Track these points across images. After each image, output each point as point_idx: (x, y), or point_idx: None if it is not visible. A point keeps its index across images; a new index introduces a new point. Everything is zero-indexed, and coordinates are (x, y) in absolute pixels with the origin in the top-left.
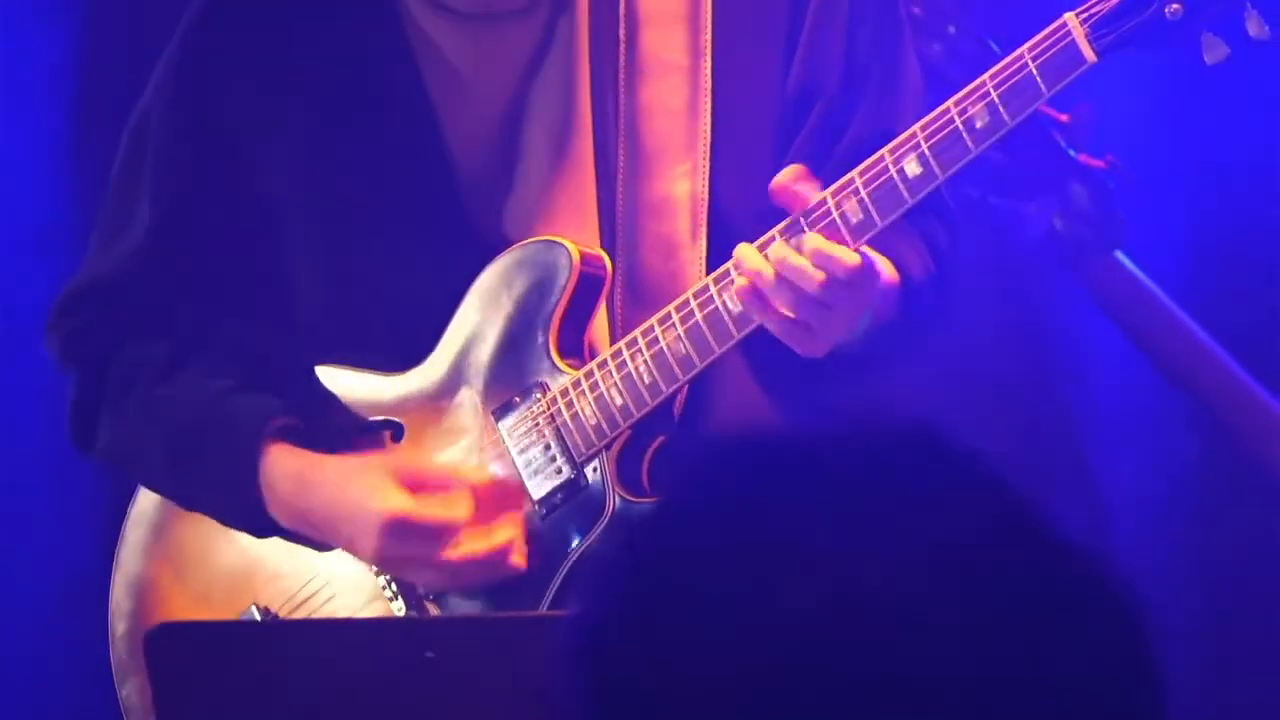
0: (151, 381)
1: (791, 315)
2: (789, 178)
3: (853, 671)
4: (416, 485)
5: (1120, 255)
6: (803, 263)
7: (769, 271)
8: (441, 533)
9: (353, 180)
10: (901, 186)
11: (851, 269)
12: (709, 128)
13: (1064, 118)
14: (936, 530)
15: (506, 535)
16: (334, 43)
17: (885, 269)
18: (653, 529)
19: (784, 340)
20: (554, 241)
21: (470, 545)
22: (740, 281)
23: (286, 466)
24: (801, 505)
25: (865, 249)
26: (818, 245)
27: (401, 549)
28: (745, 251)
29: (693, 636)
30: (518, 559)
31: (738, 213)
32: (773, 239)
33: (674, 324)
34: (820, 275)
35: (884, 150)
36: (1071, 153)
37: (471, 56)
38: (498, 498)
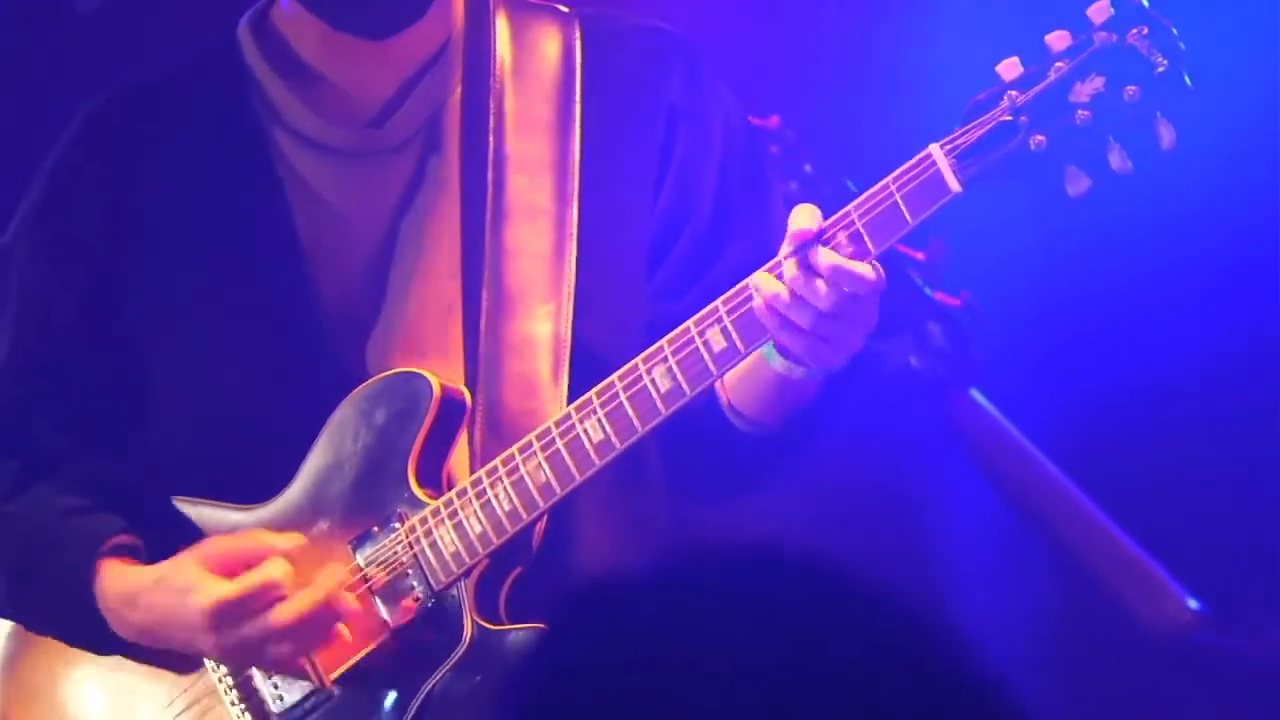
0: None
1: (809, 329)
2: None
3: None
4: (229, 567)
5: (975, 392)
6: (819, 282)
7: (784, 292)
8: (266, 598)
9: (216, 313)
10: (763, 316)
11: (868, 281)
12: (574, 271)
13: (919, 255)
14: (798, 647)
15: (331, 580)
16: (203, 176)
17: None
18: (528, 653)
19: (802, 356)
20: (415, 373)
21: (298, 601)
22: (758, 301)
23: (118, 584)
24: (668, 627)
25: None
26: (833, 261)
27: (236, 633)
28: (761, 277)
29: None
30: (350, 601)
31: (600, 354)
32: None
33: (535, 452)
34: (838, 290)
35: (747, 280)
36: (927, 290)
37: (342, 192)
38: (356, 625)
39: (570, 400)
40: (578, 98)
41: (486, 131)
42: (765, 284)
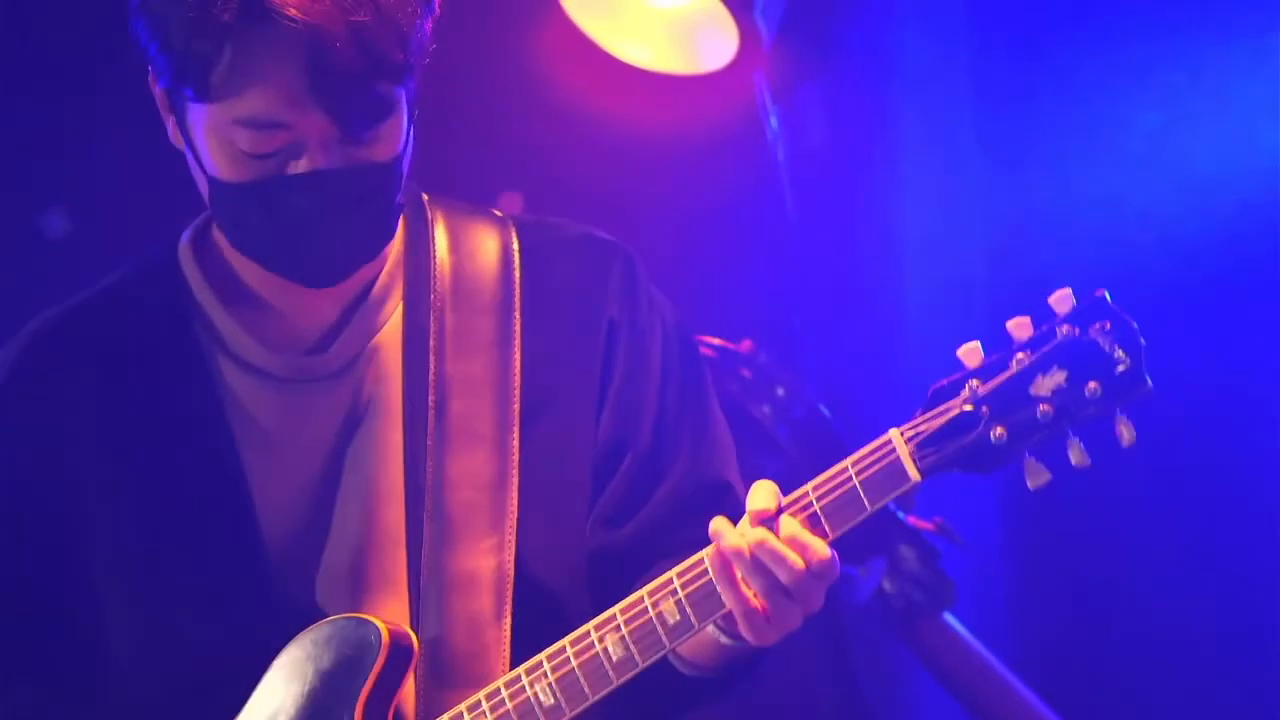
0: None
1: (757, 598)
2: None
3: None
4: None
5: (949, 616)
6: (783, 547)
7: (747, 552)
8: None
9: (157, 545)
10: (715, 574)
11: (825, 560)
12: (517, 503)
13: None
14: None
15: None
16: (144, 407)
17: None
18: None
19: (742, 626)
20: (364, 620)
21: None
22: (717, 552)
23: None
24: None
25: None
26: (794, 531)
27: None
28: (723, 525)
29: None
30: None
31: (544, 589)
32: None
33: (484, 713)
34: (799, 561)
35: (702, 554)
36: (900, 515)
37: (285, 420)
38: None
39: (514, 639)
40: (517, 312)
41: (428, 352)
42: (728, 534)
